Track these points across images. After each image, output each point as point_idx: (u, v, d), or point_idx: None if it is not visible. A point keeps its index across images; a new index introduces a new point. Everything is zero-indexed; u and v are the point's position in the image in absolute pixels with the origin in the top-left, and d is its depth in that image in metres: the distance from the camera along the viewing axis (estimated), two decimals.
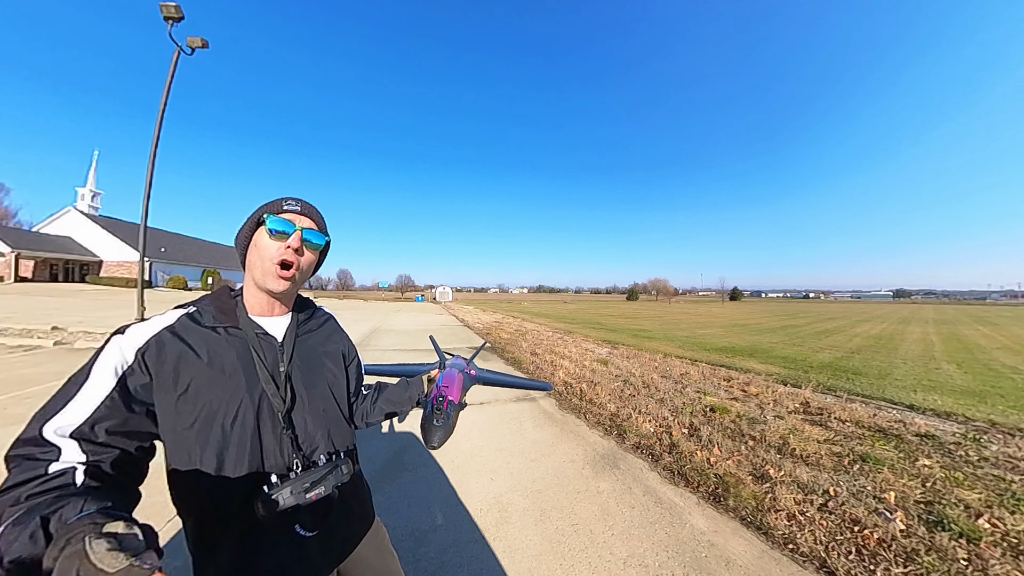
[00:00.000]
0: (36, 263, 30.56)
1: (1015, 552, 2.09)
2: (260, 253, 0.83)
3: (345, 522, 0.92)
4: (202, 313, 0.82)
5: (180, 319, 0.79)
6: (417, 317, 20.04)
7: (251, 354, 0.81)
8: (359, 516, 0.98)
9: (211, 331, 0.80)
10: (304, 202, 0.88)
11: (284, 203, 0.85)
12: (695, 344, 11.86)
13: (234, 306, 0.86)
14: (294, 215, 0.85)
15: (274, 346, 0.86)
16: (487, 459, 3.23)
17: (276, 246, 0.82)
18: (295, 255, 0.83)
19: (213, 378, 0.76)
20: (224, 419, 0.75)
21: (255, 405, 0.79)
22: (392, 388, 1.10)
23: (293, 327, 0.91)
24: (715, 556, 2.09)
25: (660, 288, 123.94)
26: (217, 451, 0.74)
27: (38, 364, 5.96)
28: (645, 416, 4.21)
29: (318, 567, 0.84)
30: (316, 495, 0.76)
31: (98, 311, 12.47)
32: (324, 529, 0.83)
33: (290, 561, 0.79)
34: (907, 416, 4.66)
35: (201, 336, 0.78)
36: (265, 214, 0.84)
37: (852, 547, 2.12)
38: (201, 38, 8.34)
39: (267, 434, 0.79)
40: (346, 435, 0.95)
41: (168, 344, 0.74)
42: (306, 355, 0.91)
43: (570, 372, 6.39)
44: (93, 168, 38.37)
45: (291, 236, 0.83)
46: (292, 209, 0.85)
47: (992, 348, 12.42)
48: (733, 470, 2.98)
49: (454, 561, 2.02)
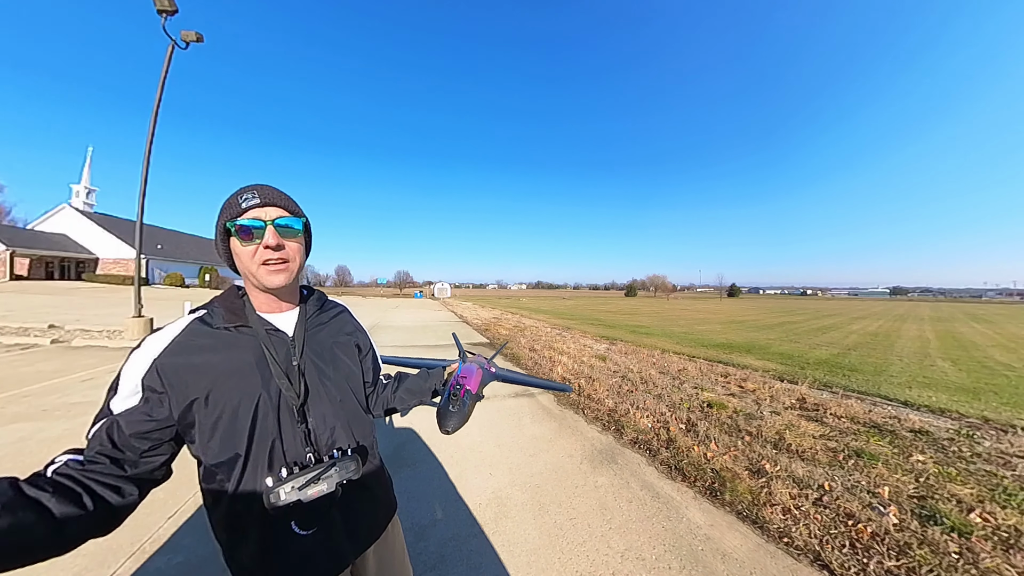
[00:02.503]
0: (31, 261, 30.36)
1: (1005, 546, 2.12)
2: (243, 261, 0.79)
3: (371, 509, 0.94)
4: (213, 315, 0.82)
5: (192, 324, 0.80)
6: (416, 313, 20.03)
7: (263, 351, 0.82)
8: (384, 503, 1.00)
9: (223, 332, 0.80)
10: (264, 187, 0.81)
11: (241, 199, 0.79)
12: (693, 340, 11.91)
13: (242, 305, 0.85)
14: (257, 210, 0.79)
15: (285, 341, 0.86)
16: (486, 454, 3.25)
17: (253, 249, 0.78)
18: (277, 251, 0.79)
19: (229, 379, 0.77)
20: (244, 417, 0.77)
21: (274, 401, 0.80)
22: (412, 378, 1.11)
23: (303, 321, 0.91)
24: (711, 549, 2.12)
25: (658, 284, 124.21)
26: (244, 446, 0.77)
27: (35, 363, 5.94)
28: (643, 412, 4.24)
29: (345, 553, 0.86)
30: (318, 492, 0.74)
31: (95, 309, 12.43)
32: (323, 527, 0.81)
33: (317, 548, 0.81)
34: (902, 412, 4.71)
35: (213, 338, 0.79)
36: (226, 220, 0.79)
37: (846, 541, 2.15)
38: (195, 32, 8.26)
39: (287, 429, 0.81)
40: (365, 426, 0.96)
41: (180, 354, 0.76)
42: (318, 348, 0.91)
43: (568, 368, 6.41)
44: (87, 164, 38.01)
45: (264, 232, 0.78)
46: (253, 204, 0.78)
47: (987, 345, 12.51)
48: (729, 465, 3.01)
49: (453, 555, 2.04)
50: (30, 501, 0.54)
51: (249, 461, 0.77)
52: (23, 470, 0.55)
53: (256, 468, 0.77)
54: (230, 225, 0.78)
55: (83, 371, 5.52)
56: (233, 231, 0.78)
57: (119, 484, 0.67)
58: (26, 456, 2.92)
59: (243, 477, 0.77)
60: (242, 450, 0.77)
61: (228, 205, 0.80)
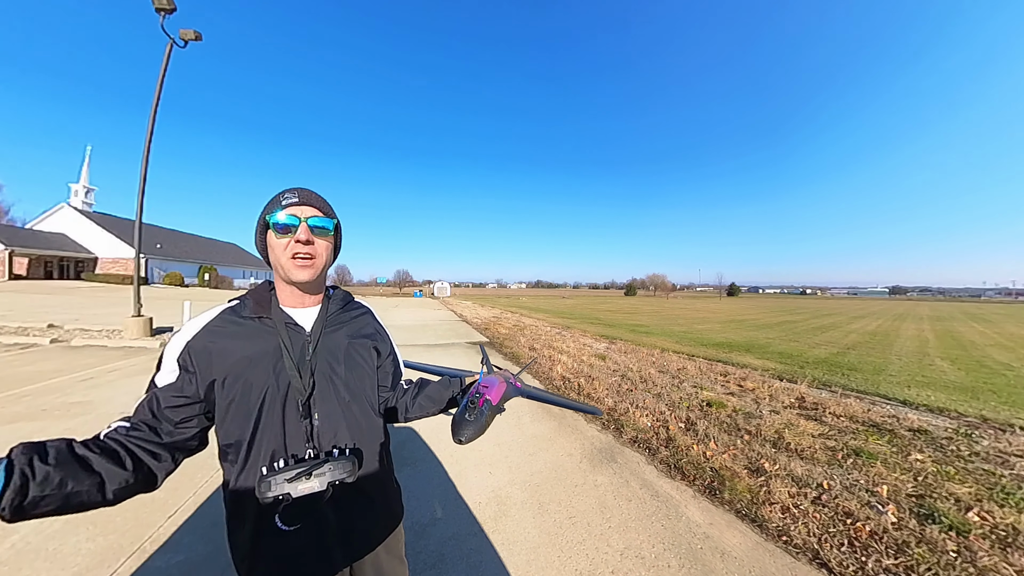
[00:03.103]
0: (30, 260, 30.30)
1: (1003, 544, 2.13)
2: (275, 253, 0.86)
3: (369, 517, 0.92)
4: (243, 305, 0.89)
5: (223, 312, 0.87)
6: (416, 312, 20.03)
7: (280, 342, 0.85)
8: (384, 513, 0.98)
9: (249, 321, 0.86)
10: (303, 191, 0.89)
11: (282, 198, 0.86)
12: (692, 339, 11.93)
13: (269, 298, 0.91)
14: (295, 208, 0.86)
15: (302, 335, 0.89)
16: (486, 453, 3.25)
17: (286, 242, 0.85)
18: (307, 246, 0.85)
19: (245, 365, 0.82)
20: (252, 404, 0.81)
21: (282, 392, 0.83)
22: (433, 385, 1.07)
23: (322, 317, 0.93)
24: (710, 548, 2.13)
25: (658, 283, 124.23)
26: (249, 431, 0.81)
27: (35, 362, 5.93)
28: (642, 411, 4.25)
29: (336, 559, 0.85)
30: (307, 489, 0.74)
31: (94, 308, 12.42)
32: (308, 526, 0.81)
33: (306, 547, 0.81)
34: (900, 411, 4.73)
35: (239, 326, 0.85)
36: (267, 215, 0.86)
37: (844, 539, 2.16)
38: (194, 30, 8.25)
39: (291, 421, 0.83)
40: (373, 430, 0.94)
41: (208, 338, 0.83)
42: (332, 346, 0.92)
43: (568, 367, 6.42)
44: (86, 164, 37.93)
45: (297, 229, 0.84)
46: (291, 202, 0.86)
47: (985, 345, 12.54)
48: (729, 464, 3.01)
49: (453, 553, 2.04)
50: (78, 458, 0.63)
51: (252, 447, 0.81)
52: None
53: (258, 455, 0.81)
54: (269, 219, 0.85)
55: (83, 371, 5.51)
56: (271, 225, 0.85)
57: (156, 450, 0.75)
58: None
59: (247, 463, 0.81)
60: (247, 436, 0.81)
61: (270, 202, 0.88)
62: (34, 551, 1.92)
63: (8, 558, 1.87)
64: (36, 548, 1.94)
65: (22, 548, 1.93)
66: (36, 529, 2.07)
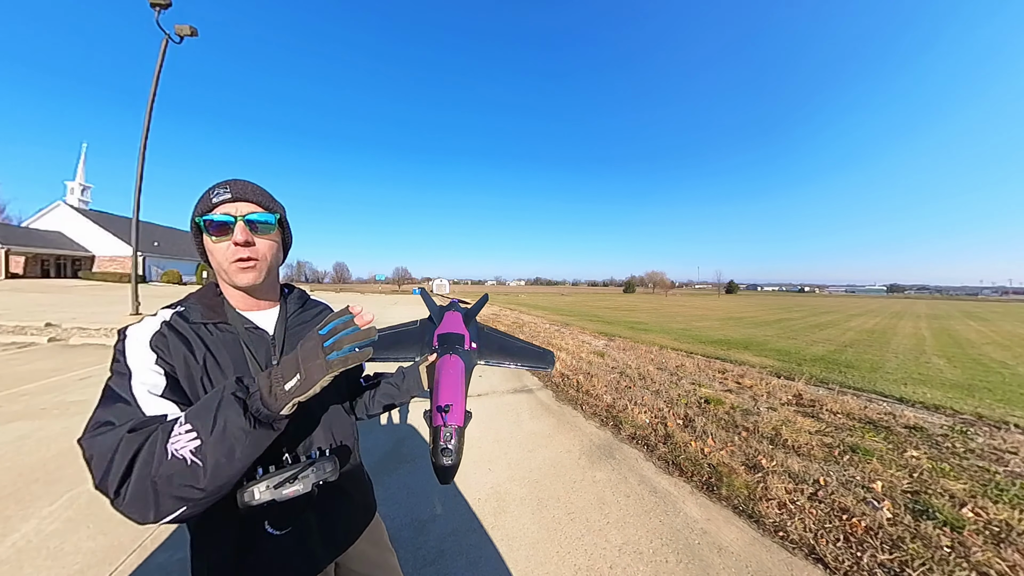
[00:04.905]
0: (27, 259, 30.15)
1: (997, 540, 2.15)
2: (215, 258, 0.78)
3: (348, 512, 0.94)
4: (190, 311, 0.80)
5: (172, 317, 0.78)
6: (415, 310, 20.01)
7: (242, 348, 0.80)
8: (361, 506, 0.99)
9: (201, 327, 0.79)
10: (237, 182, 0.80)
11: (212, 195, 0.77)
12: (691, 337, 11.96)
13: (220, 302, 0.84)
14: (228, 205, 0.77)
15: (265, 339, 0.85)
16: (485, 450, 3.27)
17: (224, 246, 0.77)
18: (247, 248, 0.77)
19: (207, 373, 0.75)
20: None
21: None
22: (390, 379, 1.08)
23: (283, 319, 0.90)
24: (708, 543, 2.15)
25: (657, 281, 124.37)
26: None
27: (32, 361, 5.92)
28: (641, 407, 4.27)
29: (320, 556, 0.85)
30: (293, 492, 0.71)
31: (92, 307, 12.37)
32: (297, 528, 0.80)
33: (294, 548, 0.81)
34: (897, 408, 4.76)
35: (193, 333, 0.77)
36: (198, 216, 0.77)
37: (840, 535, 2.18)
38: (190, 26, 8.19)
39: None
40: (346, 427, 0.94)
41: (170, 337, 0.74)
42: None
43: (567, 364, 6.44)
44: (82, 161, 37.71)
45: (233, 230, 0.76)
46: (223, 199, 0.77)
47: (982, 343, 12.61)
48: (726, 460, 3.03)
49: (453, 549, 2.05)
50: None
51: None
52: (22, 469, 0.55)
53: None
54: (199, 220, 0.77)
55: (81, 369, 5.51)
56: (203, 227, 0.76)
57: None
58: (24, 455, 2.88)
59: None
60: None
61: (200, 200, 0.79)
62: (35, 549, 1.93)
63: (9, 556, 1.88)
64: (37, 546, 1.94)
65: (23, 546, 1.94)
66: (37, 527, 2.07)
